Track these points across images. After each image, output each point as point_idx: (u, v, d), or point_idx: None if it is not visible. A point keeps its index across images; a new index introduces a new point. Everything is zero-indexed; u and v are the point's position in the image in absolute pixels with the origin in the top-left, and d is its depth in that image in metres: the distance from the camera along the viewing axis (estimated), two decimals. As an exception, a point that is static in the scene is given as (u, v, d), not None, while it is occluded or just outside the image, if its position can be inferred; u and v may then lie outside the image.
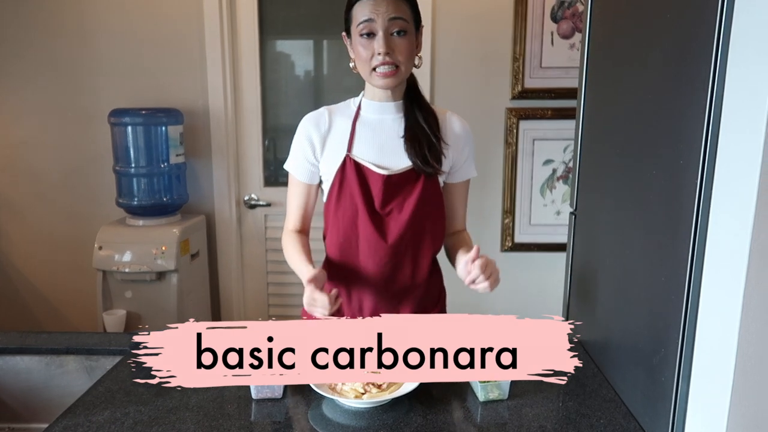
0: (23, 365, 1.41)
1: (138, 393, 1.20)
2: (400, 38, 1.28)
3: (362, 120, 1.39)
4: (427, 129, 1.37)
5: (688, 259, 0.92)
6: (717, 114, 0.86)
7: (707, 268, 0.89)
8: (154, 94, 2.64)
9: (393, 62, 1.28)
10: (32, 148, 2.72)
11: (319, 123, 1.40)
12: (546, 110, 2.59)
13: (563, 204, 2.69)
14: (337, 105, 1.44)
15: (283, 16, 2.72)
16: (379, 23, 1.26)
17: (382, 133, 1.38)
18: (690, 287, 0.92)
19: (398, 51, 1.28)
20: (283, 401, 1.17)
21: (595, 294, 1.40)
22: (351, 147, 1.37)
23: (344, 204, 1.37)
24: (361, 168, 1.36)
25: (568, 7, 2.52)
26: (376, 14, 1.26)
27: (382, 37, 1.26)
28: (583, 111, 1.51)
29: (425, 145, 1.36)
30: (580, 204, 1.53)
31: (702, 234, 0.90)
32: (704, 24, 0.88)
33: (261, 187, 2.79)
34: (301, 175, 1.43)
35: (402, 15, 1.27)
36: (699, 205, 0.90)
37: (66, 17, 2.59)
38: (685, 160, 0.94)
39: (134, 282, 2.40)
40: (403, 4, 1.28)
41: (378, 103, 1.38)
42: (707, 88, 0.87)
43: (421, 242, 1.40)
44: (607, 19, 1.37)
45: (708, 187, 0.88)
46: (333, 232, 1.41)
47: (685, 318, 0.94)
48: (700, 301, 0.91)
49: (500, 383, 1.18)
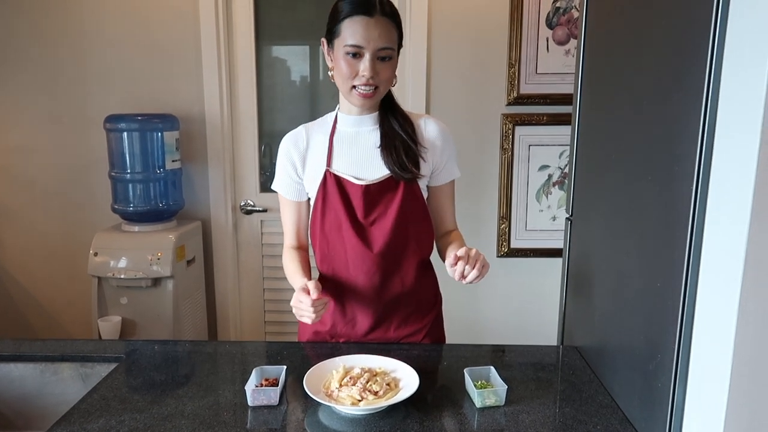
0: (17, 373, 1.40)
1: (133, 401, 1.20)
2: (385, 63, 1.30)
3: (339, 134, 1.42)
4: (403, 134, 1.39)
5: (684, 264, 0.92)
6: (712, 119, 0.87)
7: (703, 273, 0.89)
8: (150, 99, 2.63)
9: (372, 84, 1.30)
10: (27, 154, 2.71)
11: (298, 142, 1.43)
12: (541, 116, 2.60)
13: (559, 209, 2.69)
14: (315, 122, 1.47)
15: (279, 21, 2.72)
16: (368, 49, 1.27)
17: (358, 145, 1.40)
18: (686, 292, 0.93)
19: (382, 75, 1.31)
20: (279, 408, 1.16)
21: (591, 299, 1.40)
22: (330, 162, 1.40)
23: (329, 218, 1.39)
24: (341, 181, 1.38)
25: (563, 13, 2.53)
26: (366, 42, 1.27)
27: (369, 60, 1.28)
28: (578, 117, 1.51)
29: (402, 150, 1.37)
30: (576, 209, 1.53)
31: (697, 239, 0.90)
32: (699, 30, 0.89)
33: (257, 192, 2.79)
34: (288, 194, 1.46)
35: (390, 44, 1.29)
36: (694, 210, 0.90)
37: (62, 23, 2.59)
38: (681, 165, 0.94)
39: (130, 288, 2.39)
40: (393, 31, 1.30)
41: (353, 117, 1.41)
42: (702, 94, 0.88)
43: (407, 248, 1.41)
44: (603, 25, 1.38)
45: (703, 193, 0.89)
46: (321, 246, 1.42)
47: (681, 323, 0.94)
48: (696, 307, 0.91)
49: (497, 390, 1.17)
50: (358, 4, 1.27)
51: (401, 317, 1.45)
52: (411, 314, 1.45)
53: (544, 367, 1.39)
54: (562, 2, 2.52)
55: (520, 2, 2.51)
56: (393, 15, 1.31)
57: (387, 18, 1.28)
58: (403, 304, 1.44)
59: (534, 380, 1.30)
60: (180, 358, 1.42)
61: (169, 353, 1.43)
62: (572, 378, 1.32)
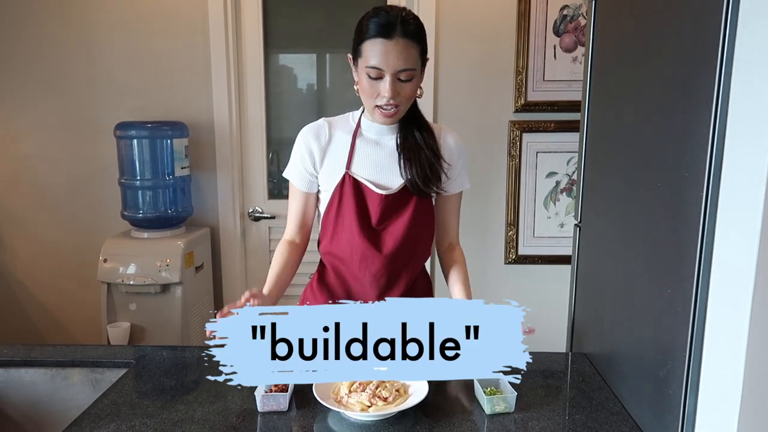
0: (28, 378, 1.41)
1: (143, 406, 1.20)
2: (406, 83, 1.29)
3: (362, 137, 1.42)
4: (427, 150, 1.39)
5: (695, 270, 0.92)
6: (722, 126, 0.87)
7: (714, 279, 0.89)
8: (160, 107, 2.65)
9: (394, 104, 1.30)
10: (38, 161, 2.73)
11: (320, 135, 1.43)
12: (549, 123, 2.60)
13: (567, 216, 2.69)
14: (336, 118, 1.46)
15: (287, 30, 2.74)
16: (387, 72, 1.27)
17: (380, 151, 1.41)
18: (697, 299, 0.92)
19: (403, 95, 1.30)
20: (288, 414, 1.17)
21: (600, 306, 1.40)
22: (350, 164, 1.40)
23: (342, 219, 1.40)
24: (360, 186, 1.38)
25: (570, 21, 2.54)
26: (385, 65, 1.26)
27: (389, 82, 1.27)
28: (586, 123, 1.52)
29: (426, 166, 1.38)
30: (585, 216, 1.53)
31: (708, 246, 0.90)
32: (708, 37, 0.89)
33: (265, 199, 2.80)
34: (299, 184, 1.46)
35: (411, 65, 1.27)
36: (705, 217, 0.90)
37: (72, 33, 2.62)
38: (690, 172, 0.94)
39: (139, 294, 2.40)
40: (413, 50, 1.28)
41: (378, 125, 1.42)
42: (711, 100, 0.88)
43: (413, 254, 1.43)
44: (610, 32, 1.38)
45: (714, 199, 0.88)
46: (331, 244, 1.44)
47: (693, 329, 0.93)
48: (707, 313, 0.91)
49: (506, 396, 1.17)
50: (380, 26, 1.26)
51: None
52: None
53: (553, 374, 1.39)
54: (569, 10, 2.53)
55: (527, 10, 2.52)
56: (414, 34, 1.28)
57: (408, 39, 1.26)
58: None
59: (543, 387, 1.30)
60: (189, 363, 1.42)
61: (178, 359, 1.44)
62: (582, 385, 1.32)
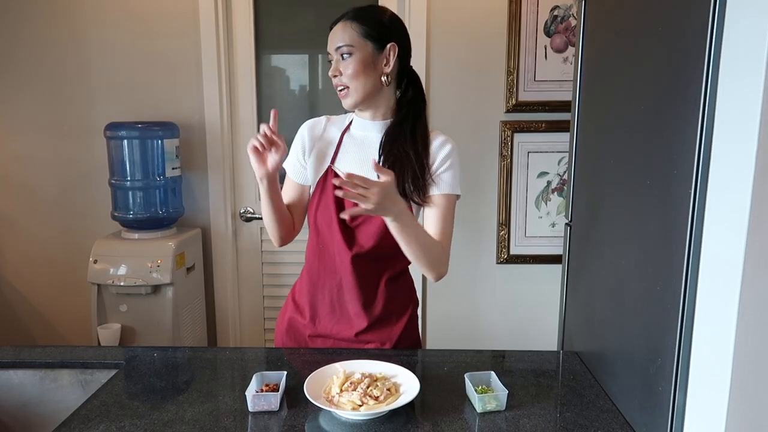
0: (17, 380, 1.40)
1: (133, 407, 1.20)
2: (345, 60, 1.36)
3: (350, 134, 1.47)
4: (415, 162, 1.37)
5: (683, 268, 0.93)
6: (710, 124, 0.87)
7: (702, 277, 0.90)
8: (150, 107, 2.64)
9: (341, 84, 1.37)
10: (27, 162, 2.72)
11: (315, 128, 1.49)
12: (540, 123, 2.61)
13: (558, 216, 2.70)
14: (337, 116, 1.52)
15: (279, 30, 2.74)
16: (332, 53, 1.37)
17: (365, 150, 1.43)
18: (685, 296, 0.93)
19: (345, 72, 1.36)
20: (279, 414, 1.16)
21: (591, 304, 1.41)
22: (335, 159, 1.44)
23: (322, 212, 1.44)
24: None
25: (561, 21, 2.55)
26: (331, 47, 1.38)
27: (334, 62, 1.38)
28: (577, 123, 1.52)
29: (409, 178, 1.37)
30: (576, 215, 1.54)
31: (696, 243, 0.91)
32: (696, 36, 0.90)
33: (256, 200, 2.79)
34: (293, 174, 1.51)
35: (346, 42, 1.35)
36: (693, 214, 0.91)
37: (62, 33, 2.60)
38: (679, 170, 0.95)
39: (129, 296, 2.39)
40: (351, 29, 1.36)
41: (366, 121, 1.45)
42: (700, 99, 0.88)
43: (391, 256, 1.42)
44: (600, 32, 1.39)
45: (702, 197, 0.89)
46: (311, 236, 1.48)
47: (681, 327, 0.94)
48: (695, 311, 0.91)
49: (498, 394, 1.17)
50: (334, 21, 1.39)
51: (374, 318, 1.46)
52: (384, 317, 1.46)
53: (544, 372, 1.39)
54: (559, 10, 2.54)
55: (518, 10, 2.53)
56: (355, 17, 1.36)
57: (346, 20, 1.36)
58: (378, 306, 1.45)
59: (535, 385, 1.30)
60: (180, 364, 1.42)
61: (169, 359, 1.43)
62: (573, 383, 1.32)
